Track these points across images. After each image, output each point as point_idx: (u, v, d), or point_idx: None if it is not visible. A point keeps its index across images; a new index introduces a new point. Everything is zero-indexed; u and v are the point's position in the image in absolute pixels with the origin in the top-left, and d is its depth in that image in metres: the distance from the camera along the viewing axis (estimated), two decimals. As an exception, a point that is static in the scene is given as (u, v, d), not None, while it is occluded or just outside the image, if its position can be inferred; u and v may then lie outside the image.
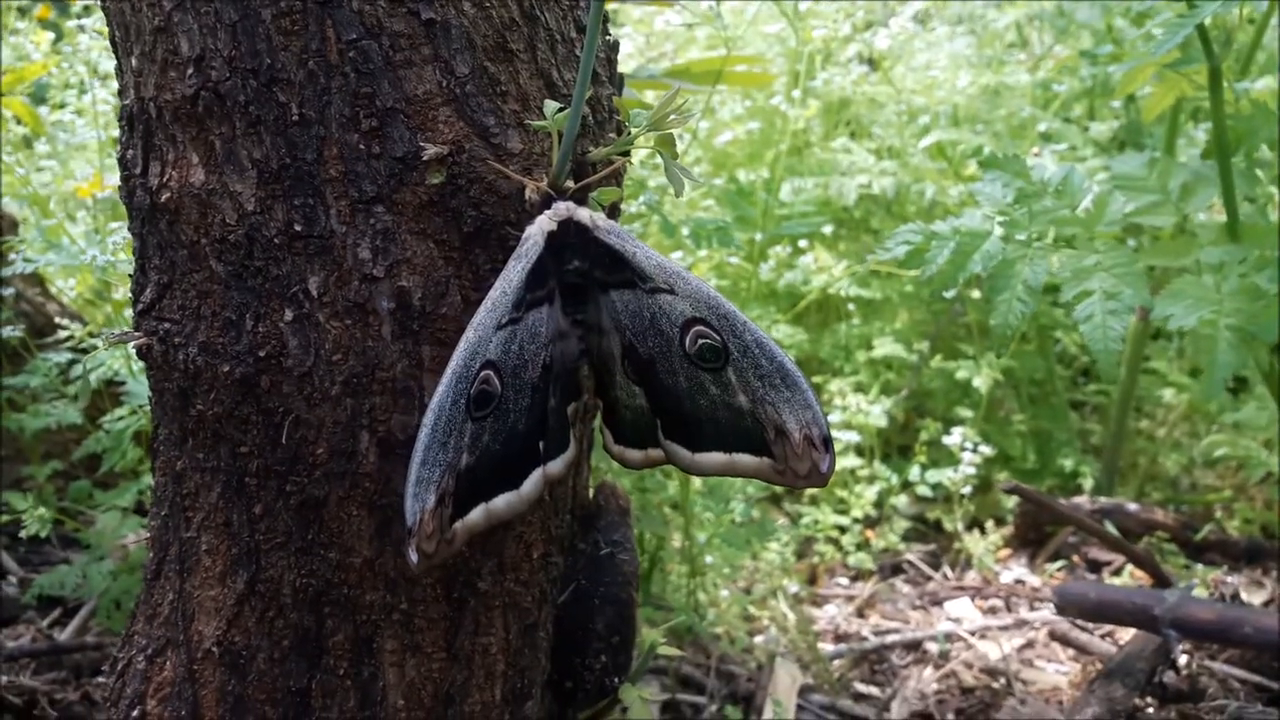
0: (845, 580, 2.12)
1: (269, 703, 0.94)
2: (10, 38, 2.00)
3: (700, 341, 0.88)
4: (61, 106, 2.01)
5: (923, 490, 2.17)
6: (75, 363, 1.52)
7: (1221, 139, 1.46)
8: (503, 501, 0.86)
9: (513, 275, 0.85)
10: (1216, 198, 1.49)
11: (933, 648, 1.82)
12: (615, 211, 1.04)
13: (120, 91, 0.95)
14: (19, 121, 1.85)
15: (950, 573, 2.14)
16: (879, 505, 2.16)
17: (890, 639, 1.85)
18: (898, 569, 2.17)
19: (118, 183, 0.96)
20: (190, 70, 0.86)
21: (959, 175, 2.33)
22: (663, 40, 2.56)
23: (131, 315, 0.96)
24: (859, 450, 2.18)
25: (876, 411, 2.10)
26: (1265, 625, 1.41)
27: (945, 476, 2.12)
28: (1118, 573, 2.05)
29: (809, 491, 2.16)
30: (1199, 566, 1.98)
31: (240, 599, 0.93)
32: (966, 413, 2.24)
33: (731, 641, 1.70)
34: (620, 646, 1.12)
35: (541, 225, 0.86)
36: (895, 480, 2.16)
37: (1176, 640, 1.47)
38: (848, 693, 1.68)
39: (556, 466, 0.91)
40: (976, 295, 2.26)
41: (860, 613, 1.98)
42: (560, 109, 0.87)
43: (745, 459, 0.89)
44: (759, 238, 2.07)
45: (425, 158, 0.86)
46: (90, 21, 1.85)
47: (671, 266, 0.89)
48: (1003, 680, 1.71)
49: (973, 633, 1.87)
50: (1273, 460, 2.08)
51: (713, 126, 2.41)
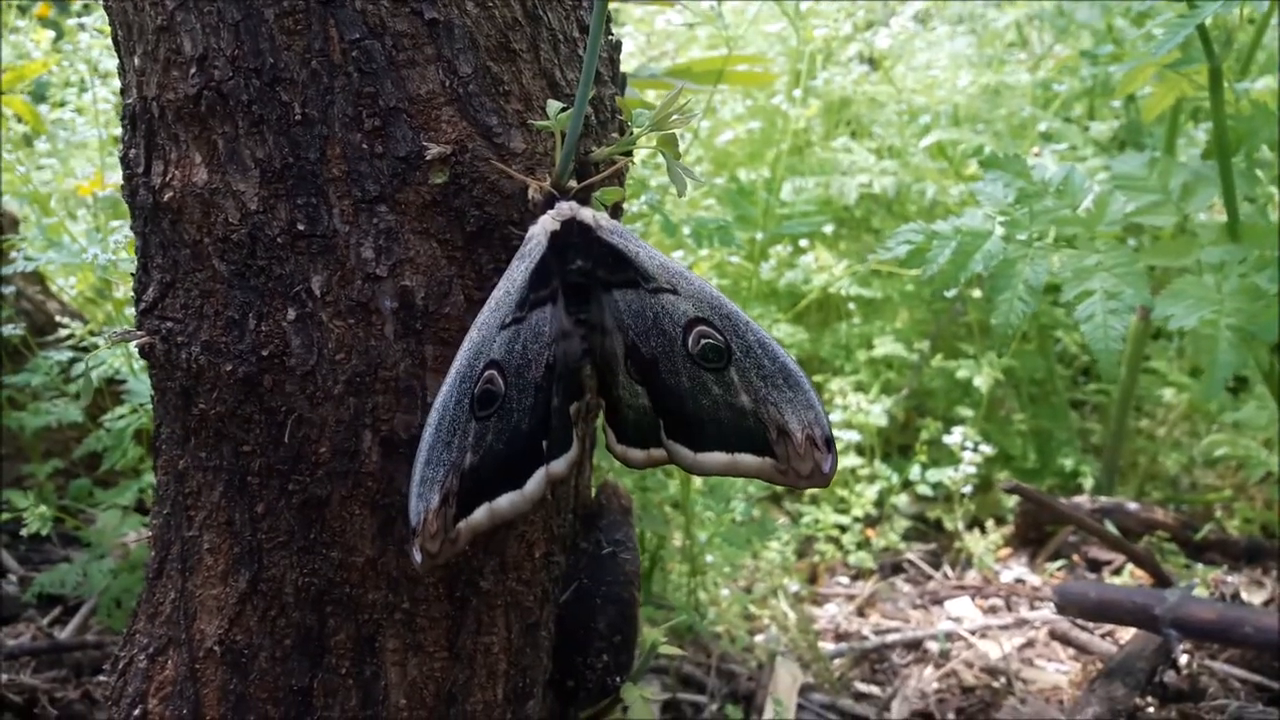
0: (846, 579, 2.12)
1: (271, 702, 0.94)
2: (10, 36, 2.00)
3: (703, 341, 0.88)
4: (62, 104, 2.01)
5: (923, 489, 2.17)
6: (76, 361, 1.52)
7: (1222, 139, 1.46)
8: (506, 501, 0.87)
9: (516, 275, 0.85)
10: (1217, 198, 1.49)
11: (933, 647, 1.82)
12: (618, 211, 1.04)
13: (122, 90, 0.95)
14: (19, 119, 1.84)
15: (951, 572, 2.14)
16: (879, 504, 2.16)
17: (891, 638, 1.85)
18: (898, 568, 2.17)
19: (119, 181, 0.96)
20: (193, 69, 0.86)
21: (960, 175, 2.33)
22: (664, 39, 2.56)
23: (133, 314, 0.96)
24: (859, 449, 2.18)
25: (877, 411, 2.10)
26: (1265, 625, 1.41)
27: (946, 476, 2.12)
28: (1118, 572, 2.05)
29: (810, 491, 2.16)
30: (1199, 566, 1.98)
31: (242, 598, 0.93)
32: (967, 412, 2.24)
33: (732, 640, 1.70)
34: (622, 645, 1.12)
35: (545, 225, 0.87)
36: (896, 479, 2.16)
37: (1177, 640, 1.47)
38: (848, 692, 1.68)
39: (559, 466, 0.91)
40: (977, 295, 2.26)
41: (861, 612, 1.99)
42: (563, 109, 0.87)
43: (748, 459, 0.89)
44: (760, 237, 2.07)
45: (428, 157, 0.86)
46: (90, 19, 1.85)
47: (674, 266, 0.89)
48: (1003, 679, 1.71)
49: (973, 632, 1.88)
50: (1273, 460, 2.08)
51: (714, 126, 2.41)
